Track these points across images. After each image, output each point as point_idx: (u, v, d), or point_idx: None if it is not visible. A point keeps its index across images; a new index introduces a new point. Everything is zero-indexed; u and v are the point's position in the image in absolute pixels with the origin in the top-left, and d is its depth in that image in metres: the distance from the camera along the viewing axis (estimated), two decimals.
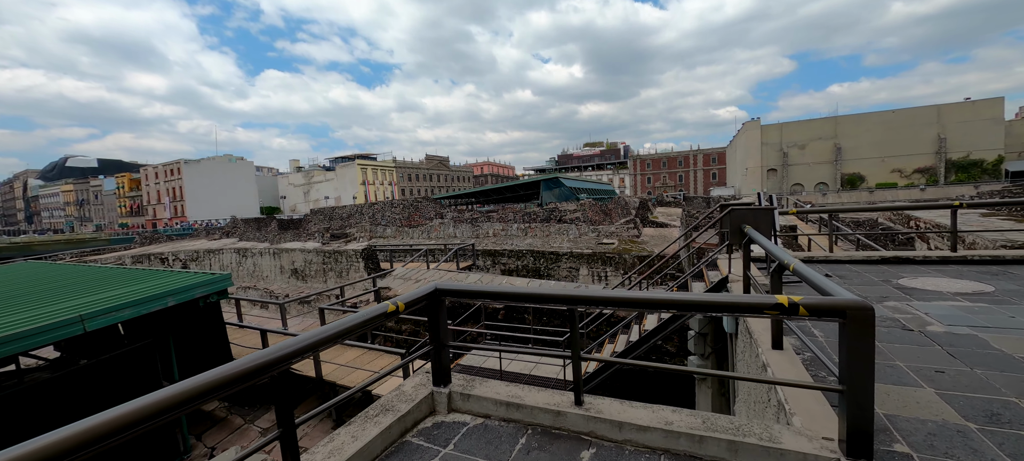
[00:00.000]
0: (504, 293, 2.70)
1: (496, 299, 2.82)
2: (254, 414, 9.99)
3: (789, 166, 68.07)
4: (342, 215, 36.94)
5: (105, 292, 7.89)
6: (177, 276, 8.96)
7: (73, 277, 9.53)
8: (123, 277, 9.17)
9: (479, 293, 2.81)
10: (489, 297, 2.80)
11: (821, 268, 6.14)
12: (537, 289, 2.54)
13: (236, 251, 22.88)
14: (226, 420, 9.89)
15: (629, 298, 2.25)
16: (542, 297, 2.52)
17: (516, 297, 2.57)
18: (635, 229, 20.77)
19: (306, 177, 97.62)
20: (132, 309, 7.41)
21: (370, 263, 19.04)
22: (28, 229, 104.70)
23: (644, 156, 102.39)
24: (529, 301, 2.59)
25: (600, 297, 2.36)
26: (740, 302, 2.01)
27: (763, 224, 4.93)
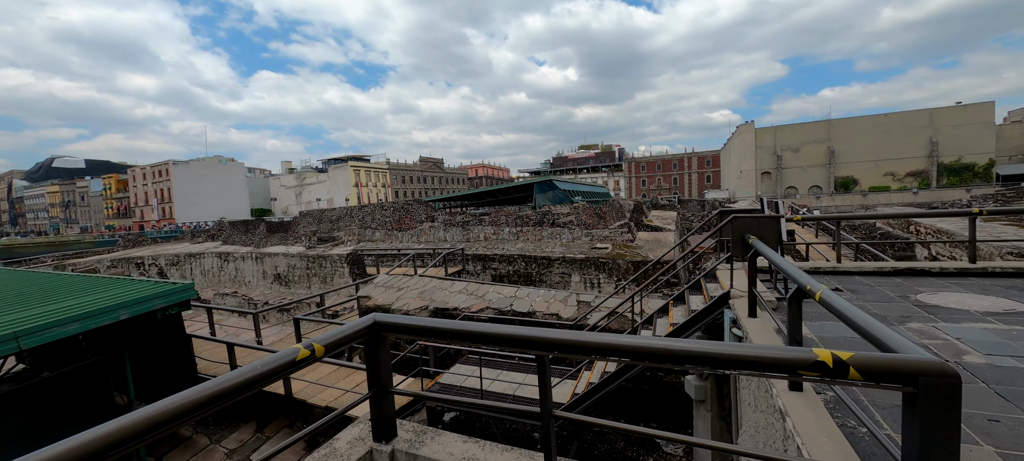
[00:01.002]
0: (462, 332, 2.14)
1: (451, 338, 2.25)
2: (221, 433, 9.32)
3: (783, 169, 68.15)
4: (331, 217, 36.17)
5: (49, 305, 7.21)
6: (134, 286, 8.29)
7: (18, 287, 8.81)
8: (74, 287, 8.48)
9: (431, 331, 2.24)
10: (443, 336, 2.23)
11: (829, 280, 5.64)
12: (501, 330, 1.99)
13: (218, 255, 22.12)
14: (191, 439, 9.22)
15: (615, 345, 1.72)
16: (506, 339, 1.97)
17: (476, 337, 2.02)
18: (629, 233, 20.27)
19: (298, 179, 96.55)
20: (78, 324, 6.74)
21: (355, 268, 18.38)
22: (11, 231, 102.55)
23: (639, 159, 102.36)
24: (490, 342, 2.04)
25: (577, 342, 1.83)
26: (759, 357, 1.46)
27: (769, 234, 4.41)
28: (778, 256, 3.33)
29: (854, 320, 1.66)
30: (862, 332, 1.59)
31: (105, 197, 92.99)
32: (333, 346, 2.04)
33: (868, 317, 1.59)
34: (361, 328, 2.22)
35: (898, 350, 1.39)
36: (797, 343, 2.54)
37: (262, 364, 1.74)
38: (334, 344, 2.04)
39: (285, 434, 9.28)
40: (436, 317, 9.43)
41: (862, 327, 1.59)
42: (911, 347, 1.37)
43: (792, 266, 2.70)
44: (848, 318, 1.71)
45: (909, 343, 1.39)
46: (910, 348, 1.37)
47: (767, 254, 3.49)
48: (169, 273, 23.59)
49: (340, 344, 2.09)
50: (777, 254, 3.45)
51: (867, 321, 1.57)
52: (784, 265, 2.81)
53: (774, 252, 3.61)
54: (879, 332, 1.49)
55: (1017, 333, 3.54)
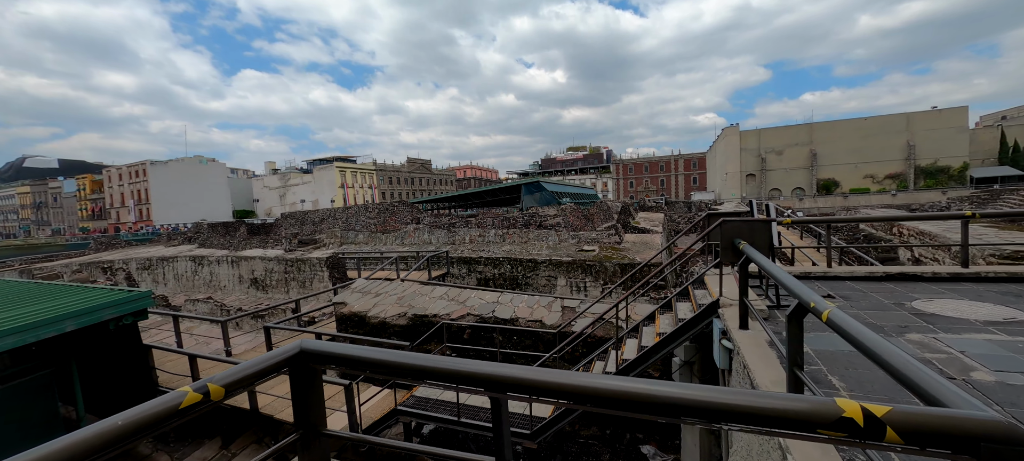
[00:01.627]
0: (404, 367, 1.75)
1: (392, 372, 1.86)
2: (183, 451, 8.74)
3: (767, 171, 69.18)
4: (314, 219, 35.31)
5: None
6: (85, 295, 7.70)
7: None
8: (21, 297, 7.85)
9: (368, 363, 1.85)
10: (383, 369, 1.84)
11: (821, 286, 5.40)
12: (449, 365, 1.61)
13: (192, 259, 21.28)
14: (149, 456, 8.62)
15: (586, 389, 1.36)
16: (455, 376, 1.60)
17: (420, 373, 1.65)
18: (616, 235, 20.09)
19: (282, 179, 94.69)
20: (15, 337, 6.17)
21: (335, 272, 17.80)
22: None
23: (626, 160, 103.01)
24: (437, 378, 1.68)
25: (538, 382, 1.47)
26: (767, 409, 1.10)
27: (761, 239, 4.13)
28: (773, 265, 3.03)
29: (882, 356, 1.34)
30: (897, 375, 1.26)
31: (79, 198, 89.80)
32: (240, 384, 1.64)
33: (905, 357, 1.26)
34: (282, 359, 1.81)
35: (946, 402, 1.07)
36: (798, 366, 2.23)
37: (123, 418, 1.34)
38: (241, 381, 1.64)
39: (252, 451, 8.75)
40: (416, 324, 9.01)
41: (896, 368, 1.27)
42: (964, 399, 1.05)
43: (791, 279, 2.39)
44: (873, 351, 1.38)
45: (961, 394, 1.07)
46: (963, 400, 1.05)
47: (760, 262, 3.20)
48: (140, 278, 22.64)
49: (251, 380, 1.68)
50: (771, 262, 3.16)
51: (902, 361, 1.25)
52: (783, 277, 2.51)
53: (767, 260, 3.32)
54: (920, 378, 1.16)
55: (1023, 345, 3.31)
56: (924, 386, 1.13)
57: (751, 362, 3.14)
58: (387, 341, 8.17)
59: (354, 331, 9.46)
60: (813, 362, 3.24)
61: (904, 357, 1.24)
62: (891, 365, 1.27)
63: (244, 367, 1.76)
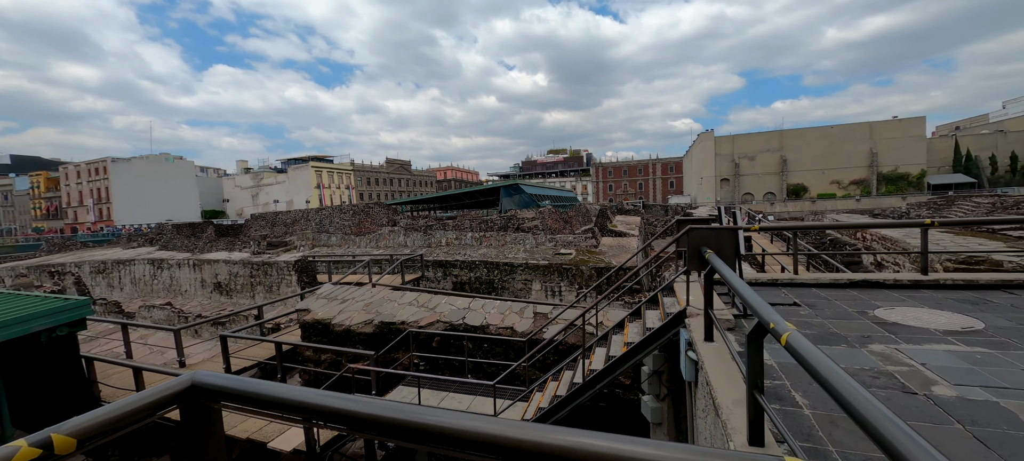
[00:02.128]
0: (318, 409, 1.49)
1: (302, 413, 1.60)
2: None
3: (740, 176, 71.16)
4: (286, 221, 34.15)
5: None
6: (15, 304, 7.04)
7: None
8: None
9: (276, 402, 1.58)
10: (292, 409, 1.58)
11: (788, 293, 5.38)
12: (367, 409, 1.35)
13: (151, 262, 20.18)
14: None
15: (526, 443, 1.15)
16: (373, 423, 1.35)
17: (336, 417, 1.39)
18: (593, 239, 20.11)
19: (255, 179, 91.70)
20: None
21: (304, 276, 17.15)
22: None
23: (606, 164, 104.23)
24: (352, 425, 1.42)
25: (462, 432, 1.22)
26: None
27: (727, 247, 4.03)
28: (736, 277, 2.91)
29: (841, 394, 1.18)
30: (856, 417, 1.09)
31: (32, 197, 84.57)
32: (101, 432, 1.34)
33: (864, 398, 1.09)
34: (166, 396, 1.52)
35: (908, 457, 0.90)
36: (758, 389, 2.09)
37: None
38: (104, 428, 1.35)
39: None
40: (382, 332, 8.66)
41: (855, 410, 1.10)
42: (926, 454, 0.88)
43: (753, 294, 2.25)
44: (834, 389, 1.23)
45: (923, 448, 0.90)
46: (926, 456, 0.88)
47: (724, 274, 3.07)
48: (93, 283, 21.33)
49: (119, 426, 1.39)
50: (734, 274, 3.03)
51: (863, 402, 1.08)
52: (743, 291, 2.37)
53: (731, 271, 3.20)
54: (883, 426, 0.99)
55: (981, 356, 3.30)
56: (886, 438, 0.96)
57: (714, 378, 3.01)
58: (350, 350, 7.80)
59: (317, 339, 9.04)
60: (777, 376, 3.14)
61: (864, 398, 1.08)
62: (850, 406, 1.11)
63: (111, 410, 1.45)
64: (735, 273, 3.29)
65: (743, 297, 2.35)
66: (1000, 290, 5.07)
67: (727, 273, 3.10)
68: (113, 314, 15.03)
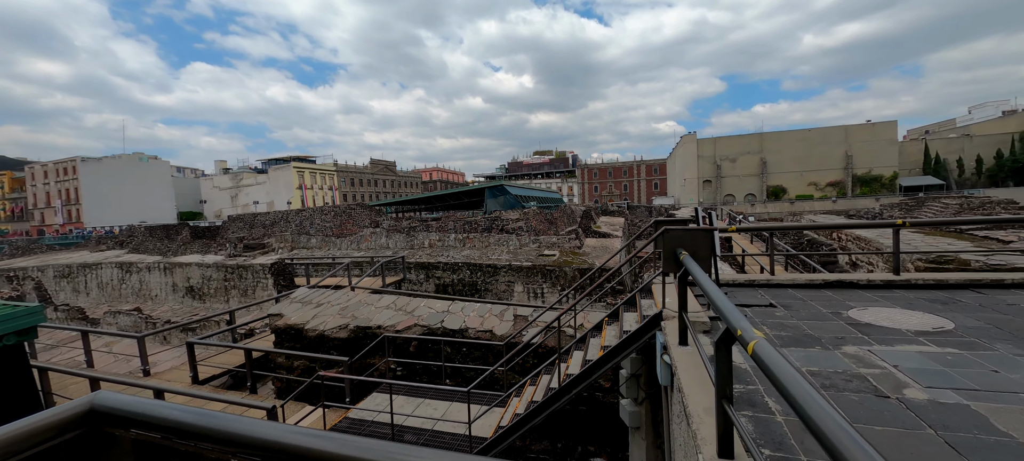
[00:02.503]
0: (231, 438, 1.30)
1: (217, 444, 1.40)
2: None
3: (722, 178, 72.46)
4: (265, 222, 33.29)
5: None
6: None
7: None
8: None
9: (190, 432, 1.38)
10: (207, 439, 1.39)
11: (764, 294, 5.36)
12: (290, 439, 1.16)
13: (119, 265, 19.38)
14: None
15: None
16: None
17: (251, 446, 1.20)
18: (577, 240, 20.10)
19: (234, 180, 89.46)
20: None
21: (281, 279, 16.66)
22: None
23: (591, 165, 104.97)
24: None
25: None
26: None
27: (702, 248, 3.96)
28: (708, 280, 2.82)
29: (805, 411, 1.07)
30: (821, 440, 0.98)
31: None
32: None
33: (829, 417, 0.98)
34: (60, 421, 1.31)
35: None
36: (727, 399, 1.98)
37: None
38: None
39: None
40: (358, 337, 8.40)
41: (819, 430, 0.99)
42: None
43: (723, 298, 2.15)
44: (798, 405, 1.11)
45: None
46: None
47: (697, 277, 2.98)
48: (57, 287, 20.38)
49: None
50: (707, 277, 2.94)
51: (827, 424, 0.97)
52: (714, 295, 2.27)
53: (704, 273, 3.11)
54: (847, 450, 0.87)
55: (952, 358, 3.28)
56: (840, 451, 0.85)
57: (686, 384, 2.91)
58: (323, 356, 7.54)
59: (290, 345, 8.72)
60: (751, 381, 3.06)
61: (822, 410, 0.97)
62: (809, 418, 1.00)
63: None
64: (709, 275, 3.21)
65: (713, 301, 2.25)
66: (968, 289, 5.14)
67: (700, 275, 3.01)
68: (76, 320, 14.34)
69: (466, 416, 5.85)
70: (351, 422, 6.17)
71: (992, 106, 77.29)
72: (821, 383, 3.00)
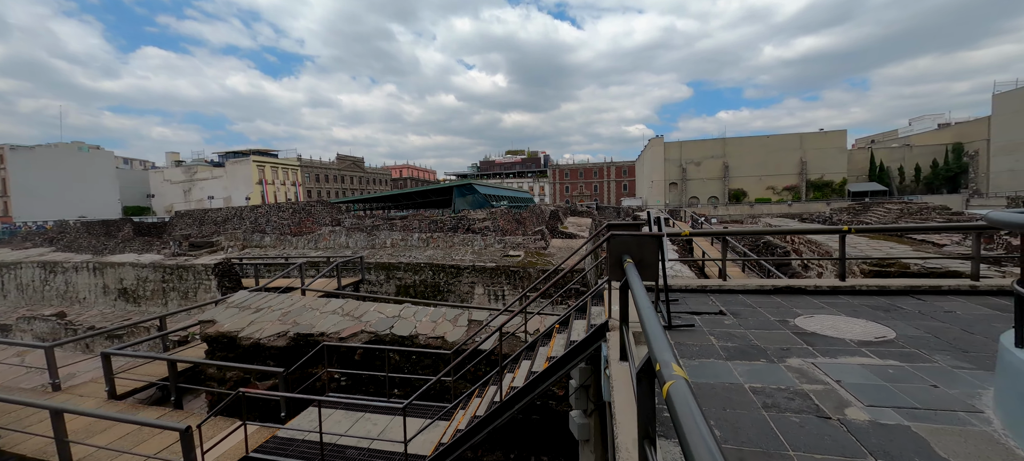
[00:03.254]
0: None
1: None
2: None
3: (688, 180, 74.74)
4: (216, 219, 31.30)
5: None
6: None
7: None
8: None
9: None
10: None
11: (715, 300, 5.24)
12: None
13: (42, 265, 17.59)
14: None
15: None
16: None
17: None
18: (542, 240, 19.92)
19: (187, 173, 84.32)
20: None
21: (226, 281, 15.53)
22: None
23: (563, 166, 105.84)
24: None
25: None
26: None
27: (648, 256, 3.73)
28: (643, 294, 2.55)
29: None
30: None
31: None
32: None
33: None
34: None
35: None
36: (649, 439, 1.70)
37: None
38: None
39: None
40: (297, 345, 7.78)
41: None
42: None
43: (652, 321, 1.87)
44: None
45: None
46: None
47: (633, 288, 2.72)
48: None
49: None
50: (644, 293, 2.68)
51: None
52: (644, 317, 1.99)
53: (642, 287, 2.86)
54: None
55: (893, 371, 3.18)
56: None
57: (618, 407, 2.65)
58: (257, 367, 6.89)
59: (223, 354, 7.97)
60: None
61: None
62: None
63: None
64: (657, 282, 2.95)
65: (642, 323, 1.97)
66: (908, 296, 5.20)
67: (636, 287, 2.75)
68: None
69: (409, 431, 5.42)
70: (279, 442, 5.61)
71: (930, 119, 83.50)
72: (764, 402, 2.81)
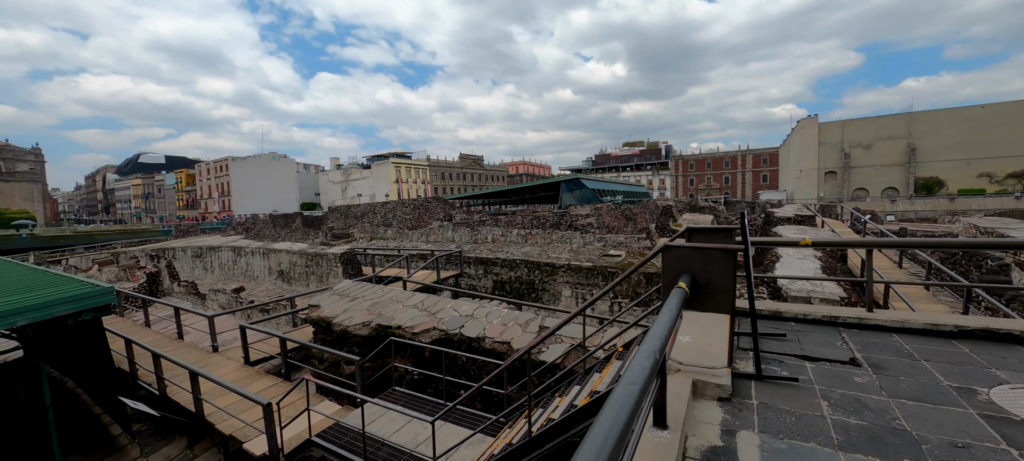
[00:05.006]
0: None
1: None
2: (154, 445, 8.68)
3: (851, 168, 60.82)
4: (356, 213, 36.38)
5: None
6: (45, 287, 7.76)
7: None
8: None
9: None
10: None
11: (848, 339, 3.66)
12: None
13: (233, 249, 22.50)
14: (124, 448, 8.65)
15: None
16: None
17: None
18: (648, 240, 18.04)
19: (344, 175, 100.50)
20: None
21: (350, 268, 17.71)
22: (106, 219, 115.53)
23: (687, 156, 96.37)
24: None
25: None
26: None
27: (719, 277, 2.67)
28: (659, 331, 1.65)
29: None
30: None
31: (177, 190, 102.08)
32: None
33: None
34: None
35: None
36: None
37: None
38: None
39: (212, 455, 8.50)
40: (377, 336, 8.20)
41: None
42: None
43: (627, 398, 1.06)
44: None
45: None
46: None
47: (660, 319, 1.81)
48: (192, 266, 24.39)
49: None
50: (662, 329, 1.76)
51: None
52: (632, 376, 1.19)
53: (669, 316, 1.91)
54: None
55: None
56: None
57: None
58: (340, 353, 7.44)
59: (322, 337, 8.88)
60: None
61: None
62: None
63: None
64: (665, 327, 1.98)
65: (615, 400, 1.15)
66: None
67: (663, 319, 1.84)
68: (191, 295, 16.86)
69: (451, 441, 5.12)
70: (338, 430, 5.87)
71: None
72: None
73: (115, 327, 12.27)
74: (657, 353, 1.93)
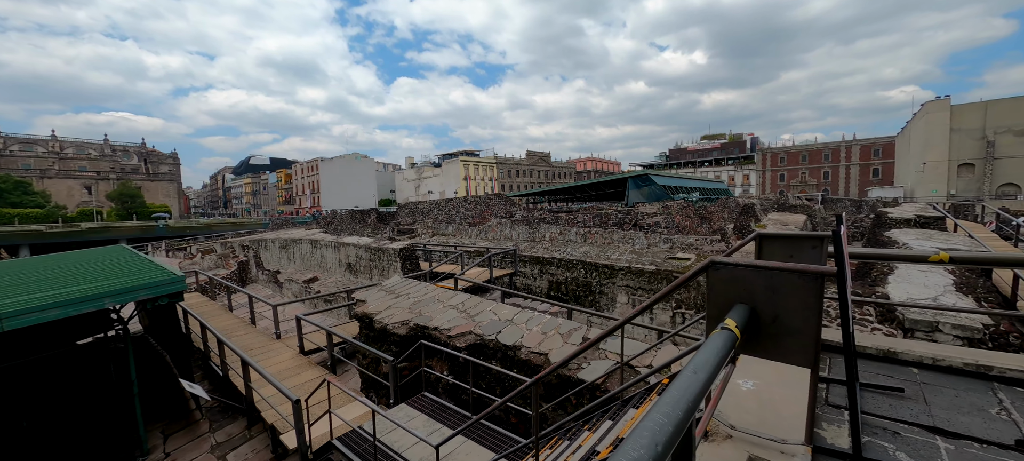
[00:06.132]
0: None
1: None
2: (221, 423, 9.38)
3: (996, 159, 49.99)
4: (423, 209, 37.80)
5: (41, 290, 7.74)
6: (135, 273, 8.64)
7: (31, 271, 9.73)
8: (71, 272, 9.12)
9: None
10: None
11: (1006, 400, 2.46)
12: None
13: (310, 242, 24.33)
14: (197, 422, 9.46)
15: None
16: None
17: None
18: (722, 242, 16.04)
19: (417, 173, 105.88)
20: (59, 310, 7.00)
21: (408, 263, 18.12)
22: (223, 213, 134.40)
23: (776, 149, 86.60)
24: None
25: None
26: None
27: (797, 312, 1.80)
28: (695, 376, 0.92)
29: None
30: None
31: (278, 188, 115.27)
32: None
33: None
34: None
35: None
36: None
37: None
38: None
39: (263, 439, 8.95)
40: (415, 335, 7.98)
41: None
42: None
43: None
44: None
45: None
46: None
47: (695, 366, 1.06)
48: (279, 255, 26.82)
49: None
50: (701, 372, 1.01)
51: None
52: None
53: (703, 370, 1.14)
54: None
55: None
56: None
57: None
58: (375, 351, 7.33)
59: (366, 332, 8.93)
60: None
61: None
62: None
63: None
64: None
65: None
66: None
67: (684, 379, 1.09)
68: (272, 284, 18.46)
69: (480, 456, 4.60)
70: (358, 435, 5.65)
71: None
72: None
73: (203, 310, 13.74)
74: (672, 429, 1.18)
